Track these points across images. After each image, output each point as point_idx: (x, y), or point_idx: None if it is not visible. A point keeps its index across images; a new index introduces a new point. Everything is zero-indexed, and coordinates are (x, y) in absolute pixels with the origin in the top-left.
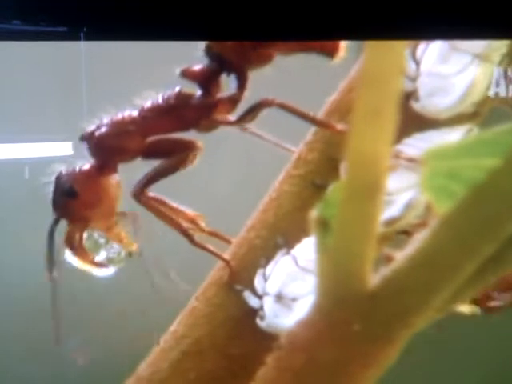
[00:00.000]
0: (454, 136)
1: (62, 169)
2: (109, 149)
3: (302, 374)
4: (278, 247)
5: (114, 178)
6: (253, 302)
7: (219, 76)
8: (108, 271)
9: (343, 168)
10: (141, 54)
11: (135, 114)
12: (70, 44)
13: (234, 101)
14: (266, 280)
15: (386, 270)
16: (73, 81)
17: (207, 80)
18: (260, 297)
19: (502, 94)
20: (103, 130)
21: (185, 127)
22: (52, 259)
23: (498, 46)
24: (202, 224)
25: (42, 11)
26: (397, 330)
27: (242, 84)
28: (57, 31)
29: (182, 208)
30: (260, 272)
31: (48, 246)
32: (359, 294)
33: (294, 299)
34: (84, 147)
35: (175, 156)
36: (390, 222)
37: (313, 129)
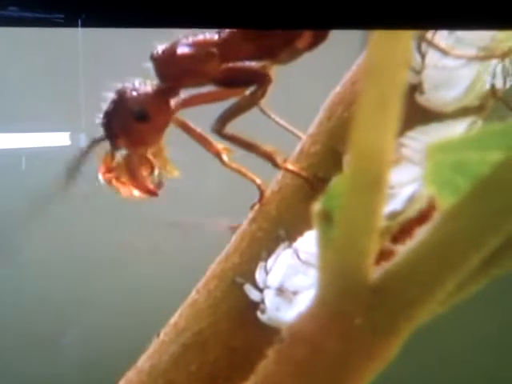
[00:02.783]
0: (458, 129)
1: (125, 85)
2: (183, 70)
3: (303, 367)
4: (279, 240)
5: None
6: (254, 295)
7: None
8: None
9: (346, 161)
10: (139, 42)
11: (215, 36)
12: (67, 31)
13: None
14: (267, 273)
15: (388, 264)
16: (70, 69)
17: None
18: (261, 290)
19: (499, 86)
20: (179, 49)
21: (265, 56)
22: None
23: (503, 39)
24: (279, 159)
25: None
26: (400, 322)
27: None
28: (54, 18)
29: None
30: (261, 265)
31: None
32: (361, 287)
33: (295, 292)
34: (82, 136)
35: (249, 90)
36: (392, 215)
37: (316, 121)
